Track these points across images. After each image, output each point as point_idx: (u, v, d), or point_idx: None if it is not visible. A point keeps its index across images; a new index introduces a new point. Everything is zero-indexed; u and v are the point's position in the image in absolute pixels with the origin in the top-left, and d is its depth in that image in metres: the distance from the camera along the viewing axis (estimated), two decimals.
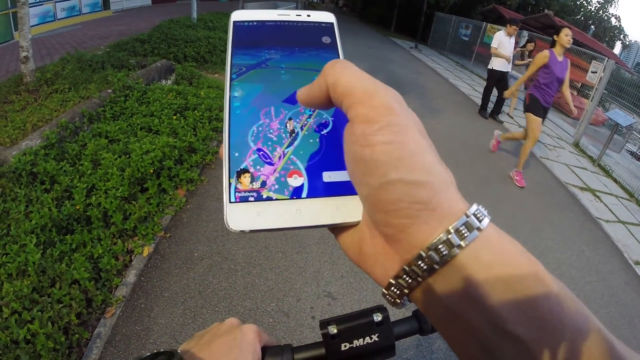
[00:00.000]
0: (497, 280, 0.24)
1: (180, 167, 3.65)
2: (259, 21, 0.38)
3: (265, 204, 0.31)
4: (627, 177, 6.38)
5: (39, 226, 2.60)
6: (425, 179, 0.26)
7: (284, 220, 0.30)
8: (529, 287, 0.24)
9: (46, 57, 6.96)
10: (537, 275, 0.25)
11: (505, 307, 0.24)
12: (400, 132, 0.27)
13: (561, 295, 0.25)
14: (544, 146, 7.04)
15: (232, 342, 0.47)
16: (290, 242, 3.19)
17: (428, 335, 0.56)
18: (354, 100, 0.28)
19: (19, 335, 1.95)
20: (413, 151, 0.26)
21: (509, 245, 0.26)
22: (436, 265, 0.25)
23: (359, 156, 0.27)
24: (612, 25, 30.80)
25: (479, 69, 13.44)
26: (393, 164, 0.26)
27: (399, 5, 22.41)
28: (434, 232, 0.26)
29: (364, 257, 0.31)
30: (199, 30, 9.12)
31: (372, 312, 0.49)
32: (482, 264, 0.25)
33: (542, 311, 0.24)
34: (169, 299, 2.54)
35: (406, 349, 2.47)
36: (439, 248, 0.25)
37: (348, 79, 0.28)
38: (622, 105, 7.66)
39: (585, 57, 8.64)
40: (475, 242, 0.25)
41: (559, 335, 0.24)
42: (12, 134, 3.70)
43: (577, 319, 0.24)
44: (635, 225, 5.05)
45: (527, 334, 0.23)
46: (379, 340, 0.47)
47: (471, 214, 0.26)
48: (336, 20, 0.40)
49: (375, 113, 0.27)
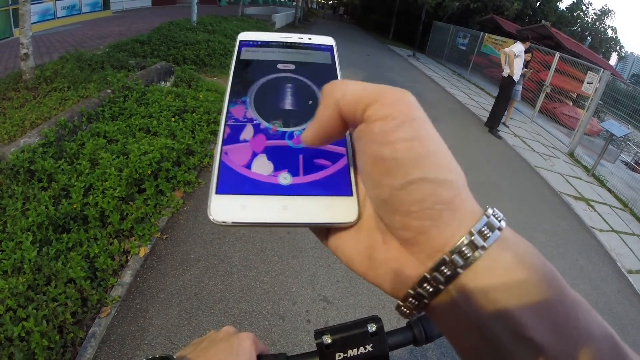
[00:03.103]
0: (517, 283, 0.23)
1: (178, 169, 3.65)
2: (263, 41, 0.41)
3: (251, 198, 0.30)
4: (621, 187, 6.45)
5: (36, 224, 2.59)
6: (448, 178, 0.25)
7: (268, 216, 0.29)
8: (546, 291, 0.23)
9: (45, 55, 6.95)
10: (554, 278, 0.24)
11: (524, 313, 0.23)
12: (420, 128, 0.25)
13: (575, 300, 0.24)
14: (538, 155, 7.10)
15: (229, 349, 0.47)
16: (287, 246, 3.19)
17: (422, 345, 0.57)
18: (368, 101, 0.26)
19: (14, 333, 1.94)
20: (434, 148, 0.25)
21: (526, 246, 0.25)
22: (460, 269, 0.24)
23: (378, 155, 0.25)
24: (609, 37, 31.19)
25: (476, 78, 13.58)
26: (415, 162, 0.24)
27: (397, 13, 22.57)
28: (456, 234, 0.24)
29: (375, 264, 0.28)
30: (198, 33, 9.15)
31: (367, 323, 0.49)
32: (502, 267, 0.24)
33: (558, 316, 0.23)
34: (165, 300, 2.53)
35: (400, 355, 2.48)
36: (462, 251, 0.24)
37: (354, 87, 0.27)
38: (617, 116, 7.74)
39: (581, 68, 8.74)
40: (495, 244, 0.24)
41: (574, 341, 0.23)
42: (11, 131, 3.69)
43: (590, 325, 0.24)
44: (628, 235, 5.10)
45: (544, 340, 0.22)
46: (373, 351, 0.48)
47: (490, 214, 0.25)
48: (336, 44, 0.42)
49: (392, 109, 0.25)
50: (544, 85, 9.46)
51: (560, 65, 9.33)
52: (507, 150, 6.98)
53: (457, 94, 10.64)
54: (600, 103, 7.86)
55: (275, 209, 0.30)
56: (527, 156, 6.82)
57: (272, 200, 0.30)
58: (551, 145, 8.12)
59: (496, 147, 6.96)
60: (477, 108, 9.36)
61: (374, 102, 0.26)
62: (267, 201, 0.30)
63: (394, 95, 0.26)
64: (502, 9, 20.45)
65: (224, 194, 0.30)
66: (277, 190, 0.31)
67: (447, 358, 2.51)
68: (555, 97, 10.07)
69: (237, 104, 0.35)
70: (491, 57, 13.25)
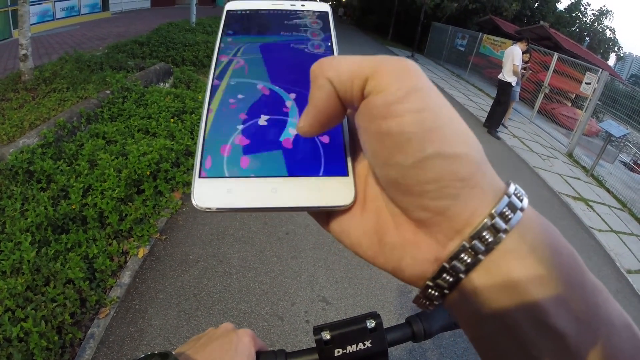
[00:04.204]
0: (540, 268, 0.21)
1: (177, 170, 3.65)
2: (252, 10, 0.38)
3: (238, 181, 0.28)
4: (620, 187, 6.46)
5: (35, 224, 2.59)
6: (464, 151, 0.22)
7: (257, 200, 0.27)
8: (569, 276, 0.22)
9: (44, 56, 6.95)
10: (575, 260, 0.23)
11: (548, 300, 0.21)
12: (428, 97, 0.23)
13: (596, 286, 0.23)
14: (537, 156, 7.11)
15: (227, 345, 0.47)
16: (286, 246, 3.20)
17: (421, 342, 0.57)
18: (366, 75, 0.23)
19: (12, 333, 1.94)
20: (447, 119, 0.23)
21: (548, 226, 0.23)
22: (481, 255, 0.22)
23: (383, 131, 0.22)
24: (607, 37, 31.26)
25: (475, 78, 13.58)
26: (427, 136, 0.22)
27: (396, 14, 22.60)
28: (476, 214, 0.22)
29: (387, 249, 0.26)
30: (197, 34, 9.15)
31: (366, 319, 0.49)
32: (525, 250, 0.22)
33: (580, 303, 0.21)
34: (164, 300, 2.53)
35: (399, 355, 2.48)
36: (483, 236, 0.22)
37: (347, 62, 0.24)
38: (616, 116, 7.75)
39: (580, 69, 8.75)
40: (517, 226, 0.22)
41: (594, 329, 0.21)
42: (10, 132, 3.69)
43: (610, 313, 0.22)
44: (627, 235, 5.11)
45: (567, 328, 0.21)
46: (372, 347, 0.48)
47: (512, 192, 0.23)
48: (331, 10, 0.38)
49: (394, 79, 0.22)
50: (542, 85, 9.47)
51: (559, 66, 9.34)
52: (506, 150, 6.99)
53: (456, 94, 10.66)
54: (599, 103, 7.87)
55: (263, 192, 0.27)
56: (525, 157, 6.83)
57: (260, 182, 0.28)
58: (550, 145, 8.13)
59: (495, 147, 6.97)
60: (475, 109, 9.37)
61: (373, 75, 0.23)
62: (255, 184, 0.28)
63: (394, 65, 0.23)
64: (501, 10, 20.49)
65: (207, 177, 0.28)
66: (265, 171, 0.28)
67: (446, 357, 2.51)
68: (554, 97, 10.08)
69: (223, 79, 0.33)
70: (490, 57, 13.26)
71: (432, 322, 0.58)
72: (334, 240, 1.74)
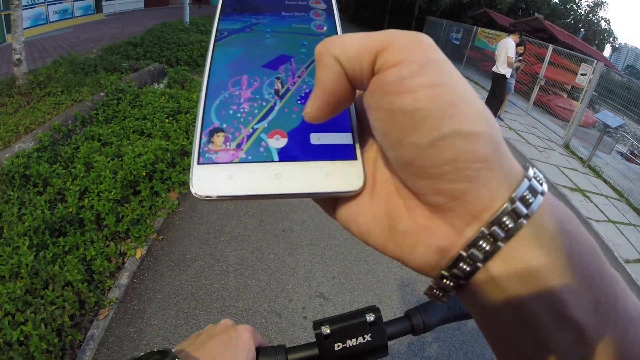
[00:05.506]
0: (560, 256, 0.20)
1: (172, 170, 3.66)
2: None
3: (239, 166, 0.26)
4: (617, 178, 6.47)
5: (32, 228, 2.60)
6: (484, 129, 0.21)
7: (259, 186, 0.25)
8: (589, 265, 0.21)
9: (38, 60, 6.94)
10: (594, 249, 0.21)
11: (566, 289, 0.20)
12: (443, 71, 0.21)
13: (614, 276, 0.22)
14: (534, 148, 7.12)
15: (227, 341, 0.48)
16: (283, 243, 3.21)
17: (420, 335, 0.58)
18: (376, 49, 0.21)
19: (12, 337, 1.95)
20: (463, 95, 0.21)
21: (567, 212, 0.22)
22: (500, 243, 0.21)
23: (396, 108, 0.21)
24: (602, 29, 31.18)
25: (470, 72, 13.55)
26: (444, 113, 0.20)
27: (390, 8, 22.55)
28: (495, 198, 0.21)
29: (398, 236, 0.24)
30: (191, 34, 9.14)
31: (365, 313, 0.50)
32: (545, 238, 0.21)
33: (599, 294, 0.20)
34: (162, 300, 2.55)
35: (398, 348, 2.50)
36: (503, 221, 0.20)
37: (355, 39, 0.22)
38: (612, 107, 7.76)
39: (575, 60, 8.75)
40: (538, 210, 0.21)
41: (613, 322, 0.21)
42: (5, 137, 3.69)
43: (628, 305, 0.21)
44: (625, 225, 5.13)
45: (584, 320, 0.20)
46: (372, 340, 0.48)
47: (532, 175, 0.22)
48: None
49: (407, 53, 0.21)
50: (538, 78, 9.47)
51: (554, 58, 9.33)
52: None
53: None
54: (595, 94, 7.87)
55: (266, 178, 0.26)
56: (522, 149, 6.83)
57: (263, 168, 0.26)
58: (546, 137, 8.14)
59: None
60: None
61: (384, 49, 0.21)
62: (257, 169, 0.26)
63: (406, 38, 0.22)
64: (495, 3, 20.47)
65: (207, 163, 0.26)
66: (268, 156, 0.26)
67: (445, 350, 2.53)
68: (550, 89, 10.08)
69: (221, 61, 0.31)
70: (485, 51, 13.24)
71: (431, 315, 0.58)
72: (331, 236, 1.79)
